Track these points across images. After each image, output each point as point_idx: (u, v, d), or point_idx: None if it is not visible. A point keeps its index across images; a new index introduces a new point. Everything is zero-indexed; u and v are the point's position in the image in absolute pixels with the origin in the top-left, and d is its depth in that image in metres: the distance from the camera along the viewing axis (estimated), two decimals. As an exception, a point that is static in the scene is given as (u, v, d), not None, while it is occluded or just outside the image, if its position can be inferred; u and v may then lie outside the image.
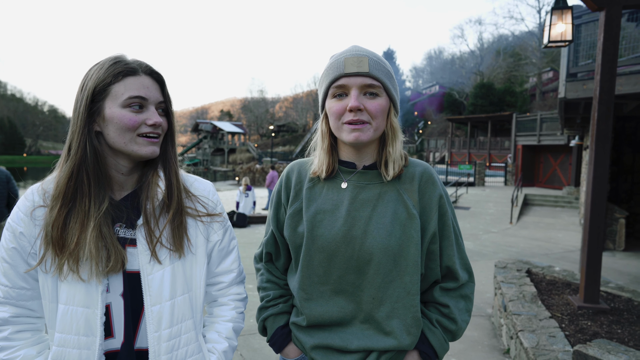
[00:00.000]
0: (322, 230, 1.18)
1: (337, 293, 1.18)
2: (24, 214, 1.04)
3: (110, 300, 1.05)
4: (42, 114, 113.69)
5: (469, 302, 1.23)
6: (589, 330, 3.14)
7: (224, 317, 1.25)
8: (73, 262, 1.00)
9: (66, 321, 1.01)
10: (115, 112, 1.02)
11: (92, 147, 1.03)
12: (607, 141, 3.61)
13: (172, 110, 1.14)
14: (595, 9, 3.60)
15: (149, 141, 1.06)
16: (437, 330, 1.18)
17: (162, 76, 1.12)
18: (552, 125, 19.80)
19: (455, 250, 1.22)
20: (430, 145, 42.75)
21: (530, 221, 12.23)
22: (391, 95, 1.17)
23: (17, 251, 1.04)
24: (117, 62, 1.04)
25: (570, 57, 7.35)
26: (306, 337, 1.22)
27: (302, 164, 1.33)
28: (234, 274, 1.28)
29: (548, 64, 42.86)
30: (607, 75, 3.55)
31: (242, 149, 57.31)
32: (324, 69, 1.21)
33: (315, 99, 74.40)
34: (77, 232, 1.00)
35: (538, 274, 4.69)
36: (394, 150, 1.18)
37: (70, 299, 1.01)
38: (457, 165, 24.22)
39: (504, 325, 3.91)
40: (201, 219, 1.18)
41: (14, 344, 1.05)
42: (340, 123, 1.15)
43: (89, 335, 1.02)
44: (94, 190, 1.03)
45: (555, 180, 20.11)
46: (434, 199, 1.19)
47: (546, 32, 4.53)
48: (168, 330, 1.08)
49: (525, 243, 9.23)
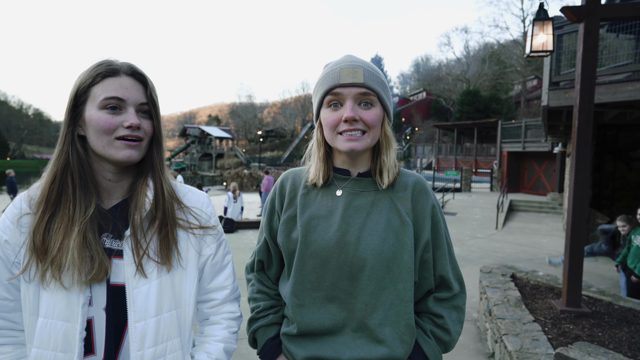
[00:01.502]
0: (316, 235, 1.17)
1: (330, 300, 1.17)
2: (11, 221, 1.01)
3: (93, 315, 1.00)
4: (27, 118, 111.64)
5: (461, 313, 1.24)
6: (571, 334, 3.21)
7: (215, 336, 1.18)
8: (55, 269, 0.96)
9: (44, 335, 0.97)
10: (93, 115, 0.99)
11: (75, 152, 1.01)
12: (588, 148, 3.71)
13: (157, 113, 1.08)
14: (575, 21, 3.71)
15: (126, 144, 1.00)
16: (431, 341, 1.18)
17: (146, 77, 1.06)
18: (536, 132, 20.14)
19: (448, 260, 1.23)
20: (417, 152, 43.15)
21: (516, 227, 12.40)
22: (385, 105, 1.19)
23: (2, 260, 1.00)
24: (100, 65, 1.02)
25: (552, 66, 7.53)
26: (297, 348, 1.19)
27: (297, 172, 1.33)
28: (227, 290, 1.22)
29: (532, 72, 43.69)
30: (587, 84, 3.66)
31: (230, 154, 57.03)
32: (319, 79, 1.21)
33: (303, 105, 74.56)
34: (60, 238, 0.96)
35: (522, 278, 4.77)
36: (388, 159, 1.19)
37: (50, 311, 0.97)
38: (444, 171, 24.47)
39: (489, 329, 3.97)
40: (193, 231, 1.13)
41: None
42: (335, 133, 1.16)
43: (67, 352, 0.97)
44: (79, 194, 1.00)
45: (540, 187, 20.44)
46: (427, 208, 1.20)
47: (528, 42, 4.65)
48: (152, 349, 1.02)
49: (511, 248, 9.36)
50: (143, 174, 1.09)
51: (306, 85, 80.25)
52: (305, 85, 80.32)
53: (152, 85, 1.08)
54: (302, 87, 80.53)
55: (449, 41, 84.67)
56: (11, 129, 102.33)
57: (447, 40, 77.63)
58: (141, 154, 1.06)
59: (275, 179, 30.54)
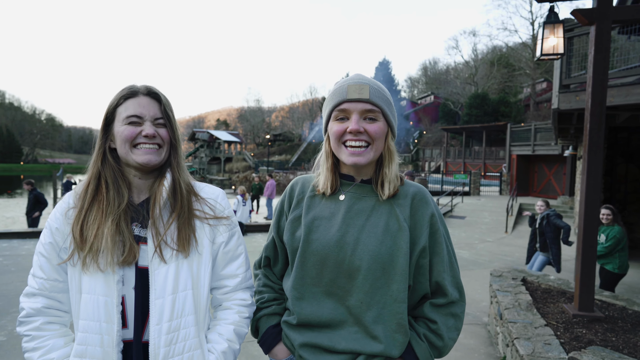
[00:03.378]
0: (318, 234, 1.26)
1: (328, 295, 1.25)
2: (60, 213, 1.21)
3: (125, 293, 1.16)
4: (40, 123, 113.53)
5: (458, 320, 1.28)
6: (584, 338, 3.18)
7: (227, 319, 1.30)
8: (93, 254, 1.13)
9: (89, 308, 1.13)
10: (119, 129, 1.20)
11: (106, 161, 1.22)
12: (599, 151, 3.68)
13: (171, 124, 1.26)
14: (586, 24, 3.70)
15: (145, 150, 1.20)
16: (423, 344, 1.23)
17: (160, 95, 1.26)
18: (546, 135, 19.99)
19: (447, 267, 1.28)
20: (425, 155, 42.99)
21: (526, 230, 12.29)
22: (389, 121, 1.27)
23: (53, 246, 1.18)
24: (123, 89, 1.23)
25: (563, 68, 7.47)
26: (296, 334, 1.28)
27: (307, 178, 1.44)
28: (238, 278, 1.34)
29: (542, 74, 43.37)
30: (598, 87, 3.64)
31: (239, 158, 57.26)
32: (329, 94, 1.32)
33: (311, 109, 74.74)
34: (96, 227, 1.14)
35: (533, 282, 4.74)
36: (389, 171, 1.27)
37: (92, 288, 1.13)
38: (453, 175, 24.37)
39: (499, 333, 3.95)
40: (208, 221, 1.27)
41: (44, 334, 1.16)
42: (340, 143, 1.25)
43: (109, 322, 1.13)
44: (112, 193, 1.19)
45: (550, 190, 20.25)
46: (426, 217, 1.27)
47: (539, 45, 4.64)
48: (168, 323, 1.15)
49: (521, 252, 9.28)
50: (162, 173, 1.28)
51: (314, 90, 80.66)
52: (313, 90, 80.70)
53: (166, 100, 1.27)
54: (310, 92, 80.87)
55: (457, 44, 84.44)
56: (24, 134, 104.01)
57: (455, 44, 77.63)
58: (161, 158, 1.24)
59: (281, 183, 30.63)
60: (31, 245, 8.82)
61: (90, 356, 1.12)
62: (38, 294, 1.17)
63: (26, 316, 1.16)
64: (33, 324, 1.15)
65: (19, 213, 17.06)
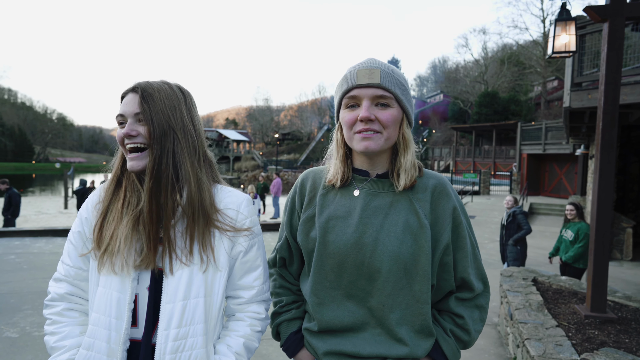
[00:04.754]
0: (334, 236, 1.19)
1: (349, 297, 1.19)
2: (91, 204, 1.22)
3: (139, 291, 1.14)
4: (51, 122, 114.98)
5: (483, 312, 1.24)
6: (596, 340, 3.14)
7: (237, 332, 1.24)
8: (109, 255, 1.12)
9: (102, 302, 1.12)
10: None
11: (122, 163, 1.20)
12: (612, 150, 3.63)
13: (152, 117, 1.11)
14: (599, 21, 3.64)
15: (132, 157, 1.13)
16: (450, 340, 1.20)
17: (140, 88, 1.13)
18: (557, 134, 19.77)
19: (471, 261, 1.22)
20: (434, 154, 42.73)
21: (536, 230, 12.18)
22: (404, 107, 1.18)
23: (81, 235, 1.20)
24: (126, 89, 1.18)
25: (574, 66, 7.38)
26: (319, 342, 1.23)
27: (317, 171, 1.35)
28: (254, 291, 1.27)
29: (553, 72, 42.83)
30: (611, 85, 3.58)
31: (247, 157, 57.46)
32: (339, 81, 1.24)
33: (320, 108, 74.66)
34: (112, 228, 1.13)
35: (544, 282, 4.69)
36: (405, 161, 1.19)
37: (107, 282, 1.13)
38: (462, 174, 24.19)
39: (510, 333, 3.91)
40: (227, 233, 1.20)
41: (63, 320, 1.18)
42: (352, 132, 1.17)
43: (119, 319, 1.11)
44: (129, 194, 1.16)
45: (561, 189, 20.02)
46: (447, 211, 1.20)
47: (550, 43, 4.58)
48: (176, 330, 1.10)
49: (531, 252, 9.18)
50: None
51: (322, 88, 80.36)
52: (322, 88, 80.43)
53: (149, 92, 1.13)
54: (319, 90, 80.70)
55: (466, 43, 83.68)
56: (36, 133, 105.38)
57: (465, 42, 77.00)
58: (145, 162, 1.13)
59: (290, 181, 30.54)
60: (42, 244, 8.93)
61: (96, 350, 1.10)
62: (63, 279, 1.19)
63: (51, 300, 1.19)
64: (55, 308, 1.18)
65: (31, 211, 17.29)
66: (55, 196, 25.65)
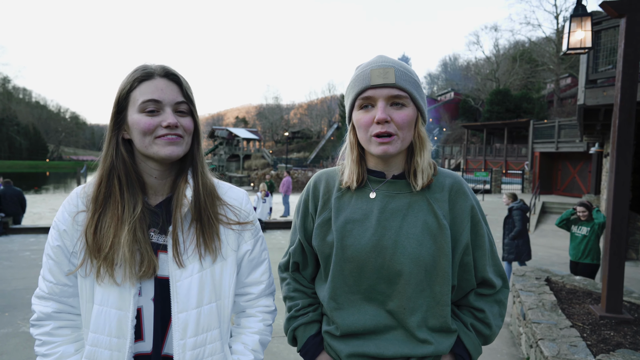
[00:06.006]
0: (352, 240, 1.17)
1: (368, 301, 1.18)
2: (69, 214, 1.09)
3: (142, 304, 1.06)
4: (64, 121, 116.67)
5: (502, 307, 1.24)
6: (612, 341, 3.09)
7: (251, 328, 1.23)
8: (108, 266, 1.03)
9: (99, 322, 1.04)
10: (134, 118, 1.05)
11: (120, 155, 1.07)
12: (628, 148, 3.56)
13: (194, 110, 1.12)
14: (616, 16, 3.57)
15: (168, 141, 1.05)
16: (471, 334, 1.19)
17: (180, 77, 1.10)
18: (570, 132, 19.48)
19: (489, 258, 1.22)
20: (445, 152, 42.43)
21: (549, 229, 12.03)
22: (418, 105, 1.16)
23: (61, 249, 1.08)
24: (136, 70, 1.07)
25: (589, 63, 7.26)
26: (341, 345, 1.20)
27: (330, 173, 1.32)
28: (263, 285, 1.26)
29: (566, 70, 42.22)
30: (628, 82, 3.52)
31: (257, 155, 57.59)
32: (350, 80, 1.20)
33: (329, 106, 74.54)
34: (111, 236, 1.03)
35: (558, 282, 4.63)
36: (422, 160, 1.17)
37: (104, 300, 1.04)
38: (473, 173, 23.99)
39: (523, 333, 3.87)
40: (232, 227, 1.17)
41: (55, 340, 1.08)
42: (369, 135, 1.14)
43: (120, 337, 1.04)
44: (126, 195, 1.06)
45: (575, 188, 19.73)
46: (466, 210, 1.18)
47: (565, 39, 4.51)
48: (193, 338, 1.07)
49: (544, 251, 9.09)
50: (184, 171, 1.14)
51: (332, 87, 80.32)
52: (332, 87, 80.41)
53: (187, 83, 1.11)
54: (329, 89, 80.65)
55: (477, 40, 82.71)
56: (50, 132, 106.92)
57: (476, 39, 75.94)
58: (184, 150, 1.09)
59: (299, 180, 30.58)
60: (57, 240, 9.06)
61: None
62: (48, 297, 1.09)
63: (37, 319, 1.10)
64: (44, 328, 1.08)
65: (45, 209, 17.57)
66: (68, 194, 26.00)
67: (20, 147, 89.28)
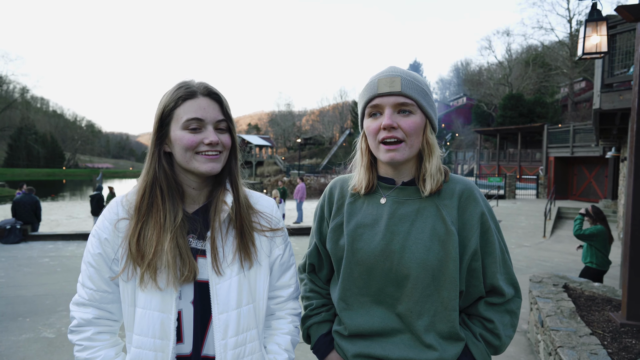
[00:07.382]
0: (362, 244, 1.22)
1: (377, 303, 1.21)
2: (109, 222, 1.14)
3: (182, 307, 1.11)
4: (81, 129, 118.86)
5: (514, 317, 1.23)
6: (634, 349, 3.04)
7: (282, 329, 1.29)
8: (151, 271, 1.08)
9: (143, 324, 1.09)
10: (177, 134, 1.11)
11: (161, 167, 1.14)
12: (647, 153, 3.52)
13: (233, 127, 1.19)
14: (632, 20, 3.55)
15: (208, 158, 1.12)
16: (480, 344, 1.19)
17: (221, 96, 1.16)
18: (585, 136, 19.23)
19: (500, 266, 1.22)
20: (458, 158, 42.14)
21: (565, 235, 11.85)
22: (426, 113, 1.20)
23: (102, 256, 1.13)
24: (180, 88, 1.13)
25: (605, 67, 7.19)
26: (348, 345, 1.25)
27: (345, 179, 1.38)
28: (291, 288, 1.32)
29: (580, 73, 41.64)
30: (646, 86, 3.48)
31: (270, 162, 57.90)
32: (361, 90, 1.27)
33: (341, 112, 74.63)
34: (154, 243, 1.08)
35: (576, 289, 4.56)
36: (430, 166, 1.20)
37: (147, 303, 1.09)
38: (487, 178, 23.76)
39: (541, 341, 3.82)
40: (265, 233, 1.23)
41: (95, 345, 1.12)
42: (377, 142, 1.19)
43: (163, 339, 1.08)
44: (168, 204, 1.12)
45: (591, 193, 19.42)
46: (475, 217, 1.20)
47: (580, 44, 4.48)
48: (234, 338, 1.13)
49: (560, 257, 8.96)
50: (222, 182, 1.21)
51: (344, 93, 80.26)
52: (343, 93, 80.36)
53: (226, 102, 1.18)
54: (340, 95, 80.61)
55: (490, 45, 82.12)
56: (66, 140, 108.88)
57: (488, 44, 75.58)
58: (222, 165, 1.17)
59: (312, 186, 30.62)
60: (74, 247, 9.22)
61: None
62: (88, 304, 1.13)
63: (77, 326, 1.13)
64: (84, 333, 1.12)
65: (62, 216, 17.88)
66: (84, 201, 26.51)
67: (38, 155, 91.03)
